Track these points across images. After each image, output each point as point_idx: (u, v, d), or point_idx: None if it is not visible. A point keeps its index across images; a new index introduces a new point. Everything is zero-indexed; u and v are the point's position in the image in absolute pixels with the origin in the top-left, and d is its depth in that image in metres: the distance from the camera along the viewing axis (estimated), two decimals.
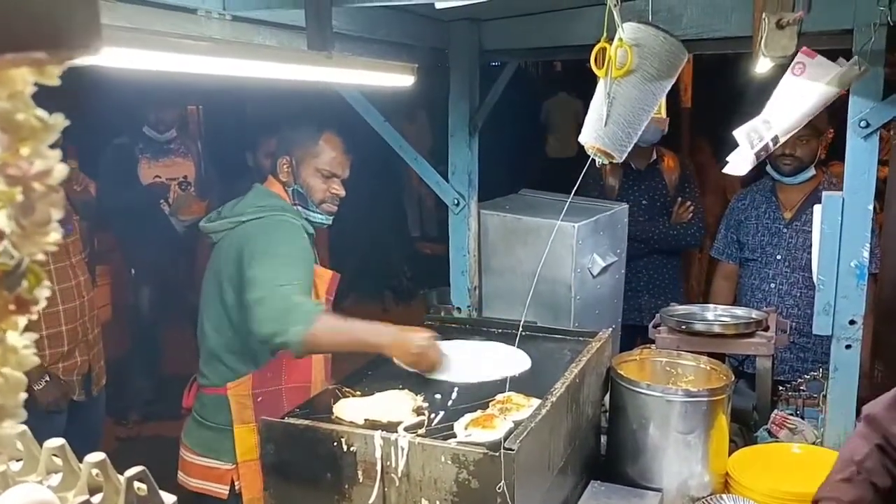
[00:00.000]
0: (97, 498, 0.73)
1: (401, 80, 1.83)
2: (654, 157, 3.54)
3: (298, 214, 2.22)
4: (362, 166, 3.95)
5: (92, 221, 3.41)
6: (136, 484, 0.69)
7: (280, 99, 3.29)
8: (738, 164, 1.76)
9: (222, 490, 2.19)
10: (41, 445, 0.81)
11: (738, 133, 1.74)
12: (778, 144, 1.74)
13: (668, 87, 1.42)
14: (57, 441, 0.76)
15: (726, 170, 1.87)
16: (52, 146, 0.48)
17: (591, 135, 1.39)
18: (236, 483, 2.19)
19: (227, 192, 3.73)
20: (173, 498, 0.73)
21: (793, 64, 1.67)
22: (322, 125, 2.23)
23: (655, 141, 3.48)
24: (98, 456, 0.70)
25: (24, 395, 0.50)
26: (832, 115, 2.58)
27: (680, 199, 3.53)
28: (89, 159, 3.94)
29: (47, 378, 2.82)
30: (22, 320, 0.48)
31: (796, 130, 1.78)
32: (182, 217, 4.29)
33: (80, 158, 3.48)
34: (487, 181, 2.62)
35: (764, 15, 1.20)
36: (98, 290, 3.50)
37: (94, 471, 0.72)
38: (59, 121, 0.46)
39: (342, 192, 2.26)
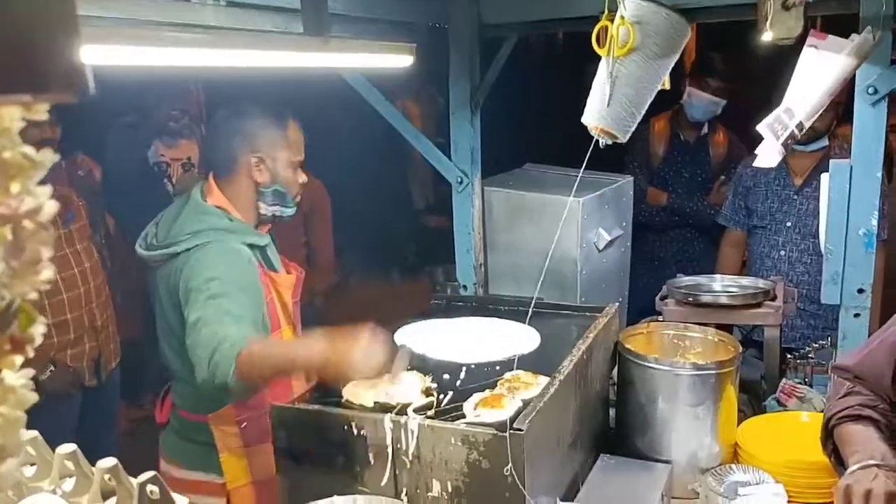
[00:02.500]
0: (111, 502, 0.73)
1: (400, 60, 1.81)
2: (706, 130, 3.53)
3: (238, 230, 2.01)
4: (365, 142, 3.94)
5: (98, 205, 3.40)
6: (149, 487, 0.70)
7: (280, 79, 3.27)
8: (768, 156, 1.74)
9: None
10: (55, 433, 0.81)
11: (762, 127, 1.72)
12: (804, 130, 1.71)
13: (672, 64, 1.40)
14: (69, 447, 0.77)
15: (756, 163, 1.86)
16: (41, 182, 0.48)
17: (594, 115, 1.38)
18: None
19: None
20: (185, 500, 0.74)
21: (805, 48, 1.64)
22: (281, 113, 2.07)
23: (704, 120, 3.47)
24: (110, 461, 0.71)
25: (24, 433, 0.51)
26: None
27: (722, 178, 3.52)
28: (94, 142, 3.94)
29: (53, 367, 2.85)
30: (18, 359, 0.48)
31: (821, 111, 1.76)
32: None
33: (85, 141, 3.47)
34: (492, 156, 2.61)
35: None
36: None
37: (107, 476, 0.73)
38: (48, 157, 0.46)
39: (306, 179, 2.12)
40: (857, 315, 2.02)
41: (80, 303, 2.96)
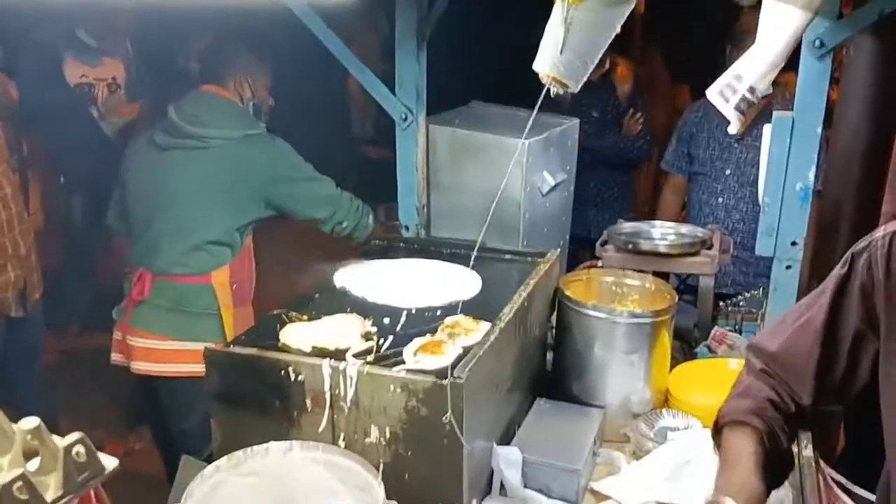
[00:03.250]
0: (34, 464, 0.69)
1: None
2: (607, 66, 3.48)
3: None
4: (305, 69, 3.78)
5: (14, 125, 3.19)
6: (75, 449, 0.66)
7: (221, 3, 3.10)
8: (730, 122, 1.74)
9: None
10: None
11: (710, 93, 1.69)
12: (759, 92, 1.69)
13: (627, 12, 1.36)
14: None
15: (730, 129, 1.84)
16: None
17: (547, 62, 1.33)
18: None
19: (159, 95, 3.57)
20: (115, 461, 0.70)
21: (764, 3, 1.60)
22: (262, 44, 2.57)
23: None
24: (33, 421, 0.66)
25: None
26: None
27: (631, 110, 3.51)
28: (8, 57, 3.68)
29: None
30: None
31: (776, 72, 1.73)
32: (112, 120, 4.08)
33: None
34: (437, 92, 2.53)
35: None
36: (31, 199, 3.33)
37: (29, 436, 0.68)
38: None
39: (273, 102, 2.75)
40: (788, 267, 2.07)
41: (2, 229, 2.81)
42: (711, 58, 3.27)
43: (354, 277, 1.94)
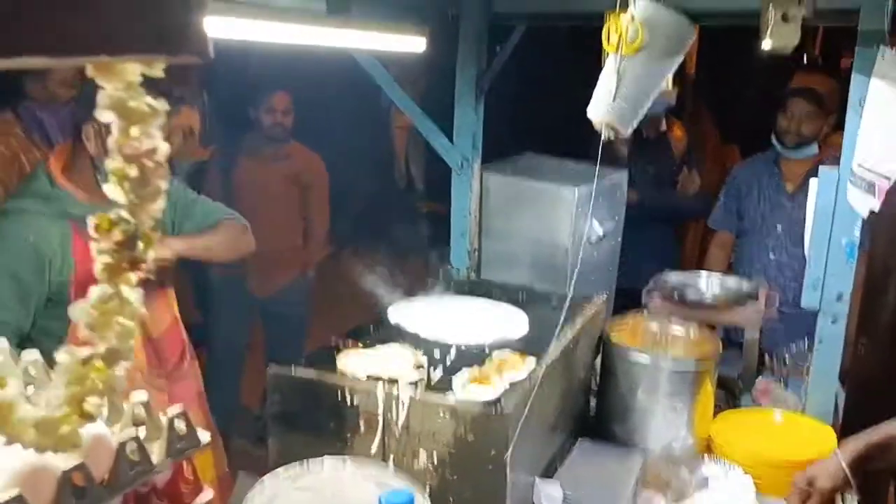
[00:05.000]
0: (141, 432, 0.79)
1: (414, 43, 1.85)
2: (664, 126, 3.59)
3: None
4: (364, 123, 3.96)
5: None
6: (177, 422, 0.75)
7: (283, 56, 3.32)
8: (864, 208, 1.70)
9: None
10: None
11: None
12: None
13: (676, 65, 1.46)
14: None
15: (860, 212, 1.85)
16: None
17: (600, 109, 1.43)
18: None
19: (228, 141, 3.79)
20: (209, 435, 0.79)
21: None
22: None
23: (662, 112, 3.51)
24: (142, 395, 0.76)
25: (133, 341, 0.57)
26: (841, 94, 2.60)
27: (686, 169, 3.59)
28: None
29: None
30: (133, 276, 0.54)
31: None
32: (183, 162, 4.32)
33: None
34: (493, 143, 2.65)
35: (770, 7, 1.23)
36: None
37: (137, 409, 0.78)
38: (164, 106, 0.52)
39: None
40: (834, 321, 2.09)
41: None
42: (761, 119, 3.34)
43: (407, 313, 2.04)
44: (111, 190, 0.58)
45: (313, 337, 2.81)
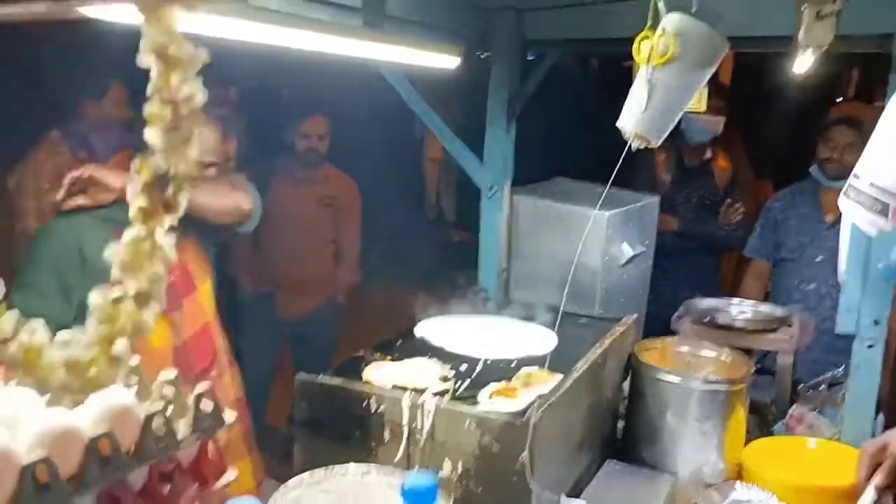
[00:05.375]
0: (168, 409, 0.80)
1: (447, 61, 1.88)
2: (708, 155, 3.59)
3: None
4: (394, 148, 4.00)
5: None
6: (202, 401, 0.77)
7: (315, 81, 3.40)
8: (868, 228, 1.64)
9: None
10: None
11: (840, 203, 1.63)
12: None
13: (707, 78, 1.47)
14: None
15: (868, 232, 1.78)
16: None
17: (630, 120, 1.44)
18: None
19: (263, 165, 3.87)
20: (234, 415, 0.80)
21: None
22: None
23: (706, 141, 3.52)
24: (171, 373, 0.77)
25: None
26: None
27: (730, 200, 3.58)
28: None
29: None
30: (168, 219, 0.56)
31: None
32: None
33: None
34: (523, 166, 2.67)
35: (804, 5, 1.23)
36: None
37: (165, 388, 0.79)
38: (204, 54, 0.55)
39: None
40: (870, 346, 2.05)
41: None
42: (793, 154, 3.32)
43: (435, 329, 2.04)
44: (148, 133, 0.61)
45: (344, 352, 2.82)
